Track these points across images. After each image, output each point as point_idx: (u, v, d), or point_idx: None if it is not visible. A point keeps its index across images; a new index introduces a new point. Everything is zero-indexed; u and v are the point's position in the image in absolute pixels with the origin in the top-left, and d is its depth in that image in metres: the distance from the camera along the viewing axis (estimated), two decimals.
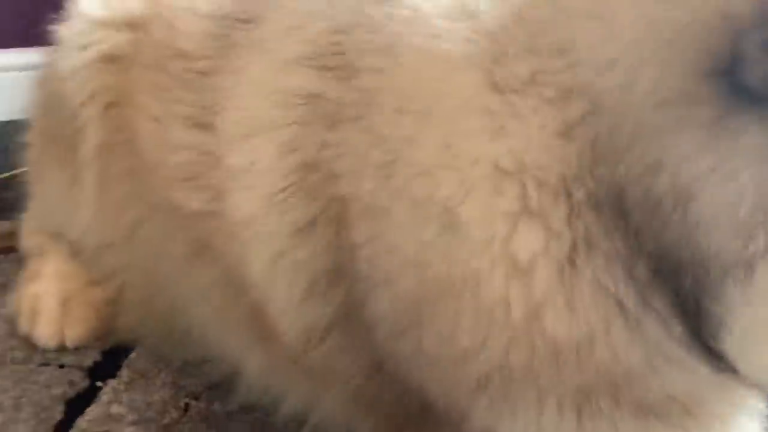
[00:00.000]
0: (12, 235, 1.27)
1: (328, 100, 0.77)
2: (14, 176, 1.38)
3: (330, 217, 0.76)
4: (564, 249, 0.63)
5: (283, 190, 0.79)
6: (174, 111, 0.95)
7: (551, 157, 0.63)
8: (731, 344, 0.61)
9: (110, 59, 1.06)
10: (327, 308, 0.80)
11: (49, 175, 1.15)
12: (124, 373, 1.06)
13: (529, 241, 0.64)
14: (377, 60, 0.74)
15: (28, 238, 1.20)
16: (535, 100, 0.64)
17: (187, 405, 1.01)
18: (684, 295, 0.61)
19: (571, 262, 0.63)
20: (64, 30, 1.10)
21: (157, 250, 1.00)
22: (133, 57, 1.04)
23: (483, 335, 0.66)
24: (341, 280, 0.78)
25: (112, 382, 1.05)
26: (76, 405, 1.01)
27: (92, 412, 1.00)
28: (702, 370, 0.64)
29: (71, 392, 1.03)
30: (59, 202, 1.14)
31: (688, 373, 0.65)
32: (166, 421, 0.98)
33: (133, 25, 1.06)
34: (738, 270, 0.58)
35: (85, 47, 1.07)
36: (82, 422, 0.98)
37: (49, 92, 1.13)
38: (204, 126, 0.90)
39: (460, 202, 0.66)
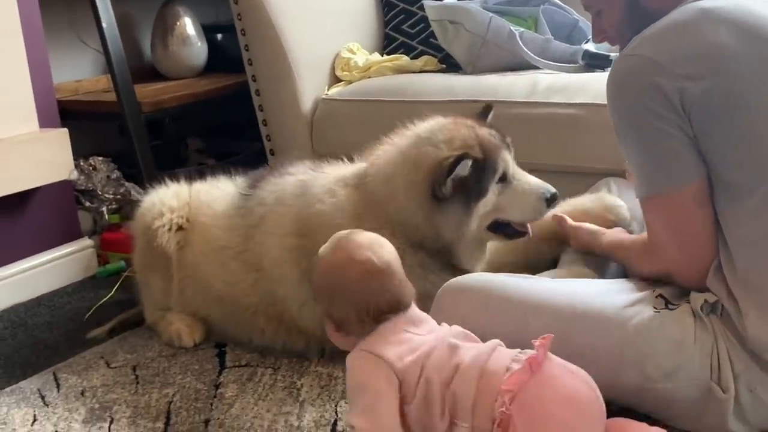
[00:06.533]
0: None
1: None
2: None
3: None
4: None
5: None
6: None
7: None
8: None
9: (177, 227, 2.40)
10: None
11: (153, 280, 2.45)
12: (228, 347, 2.34)
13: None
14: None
15: (152, 315, 2.46)
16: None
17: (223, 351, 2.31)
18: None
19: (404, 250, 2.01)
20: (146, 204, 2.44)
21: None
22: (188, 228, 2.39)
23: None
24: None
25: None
26: (218, 360, 2.28)
27: (226, 361, 2.27)
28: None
29: (210, 355, 2.30)
30: (162, 294, 2.44)
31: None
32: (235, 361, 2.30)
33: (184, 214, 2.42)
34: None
35: (162, 218, 2.39)
36: (224, 371, 2.23)
37: (147, 239, 2.41)
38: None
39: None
